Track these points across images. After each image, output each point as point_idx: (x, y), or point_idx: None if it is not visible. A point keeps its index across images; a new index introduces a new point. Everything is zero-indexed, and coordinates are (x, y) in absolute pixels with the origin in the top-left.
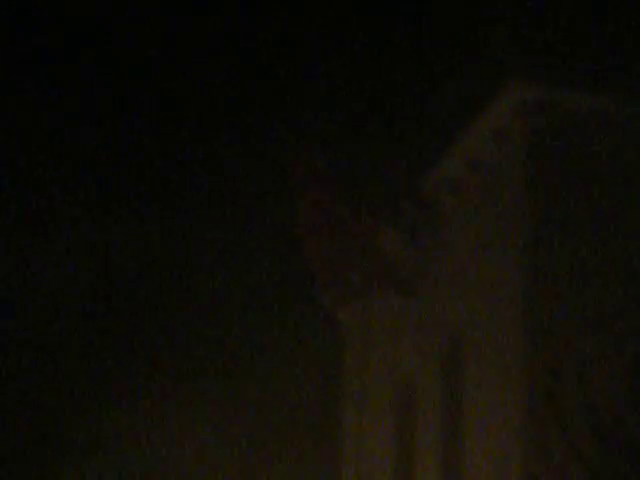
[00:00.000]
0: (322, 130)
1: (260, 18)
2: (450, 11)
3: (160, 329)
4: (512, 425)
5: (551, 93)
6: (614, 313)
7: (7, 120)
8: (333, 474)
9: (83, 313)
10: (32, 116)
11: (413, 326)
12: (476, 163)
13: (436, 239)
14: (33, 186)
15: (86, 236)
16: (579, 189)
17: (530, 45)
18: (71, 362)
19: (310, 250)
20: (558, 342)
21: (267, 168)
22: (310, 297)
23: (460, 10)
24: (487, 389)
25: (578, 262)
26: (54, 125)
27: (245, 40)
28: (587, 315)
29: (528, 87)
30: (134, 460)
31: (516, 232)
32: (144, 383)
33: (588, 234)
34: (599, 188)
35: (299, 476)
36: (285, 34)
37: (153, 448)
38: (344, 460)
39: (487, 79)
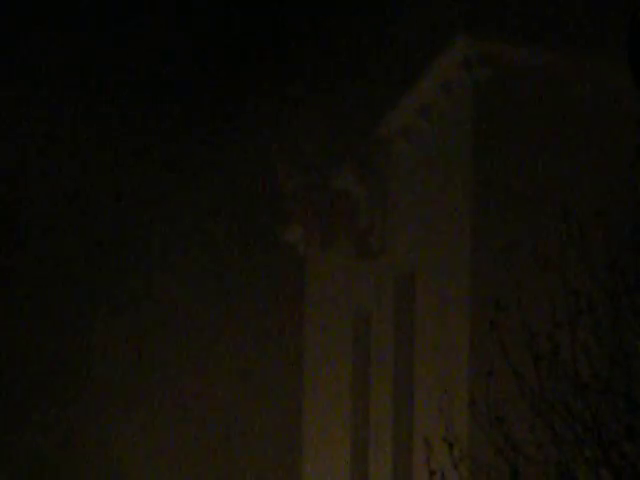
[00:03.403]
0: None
1: None
2: None
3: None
4: (458, 353)
5: (494, 48)
6: (554, 249)
7: None
8: (296, 400)
9: None
10: None
11: (370, 262)
12: (427, 111)
13: (390, 182)
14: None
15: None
16: (521, 135)
17: (474, 3)
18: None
19: (286, 193)
20: (501, 276)
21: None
22: (275, 233)
23: None
24: (436, 320)
25: (521, 202)
26: None
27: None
28: (528, 251)
29: (473, 42)
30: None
31: (463, 174)
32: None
33: (530, 175)
34: (540, 133)
35: (266, 395)
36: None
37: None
38: (305, 387)
39: (436, 34)
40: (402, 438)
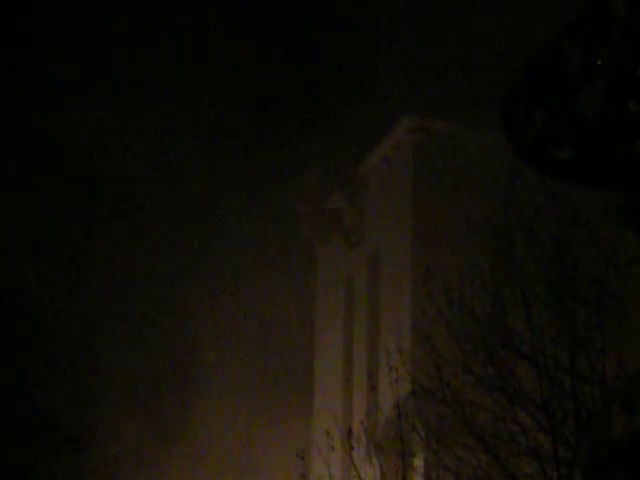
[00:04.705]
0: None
1: None
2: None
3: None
4: (405, 297)
5: (427, 122)
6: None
7: None
8: (309, 346)
9: None
10: None
11: (352, 248)
12: (386, 160)
13: (364, 201)
14: None
15: None
16: (444, 173)
17: (416, 91)
18: None
19: (302, 213)
20: (434, 251)
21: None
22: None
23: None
24: (394, 282)
25: (449, 219)
26: None
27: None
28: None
29: (413, 118)
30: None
31: (408, 201)
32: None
33: (457, 204)
34: (455, 173)
35: (286, 336)
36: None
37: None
38: (315, 323)
39: (389, 112)
40: (373, 351)
